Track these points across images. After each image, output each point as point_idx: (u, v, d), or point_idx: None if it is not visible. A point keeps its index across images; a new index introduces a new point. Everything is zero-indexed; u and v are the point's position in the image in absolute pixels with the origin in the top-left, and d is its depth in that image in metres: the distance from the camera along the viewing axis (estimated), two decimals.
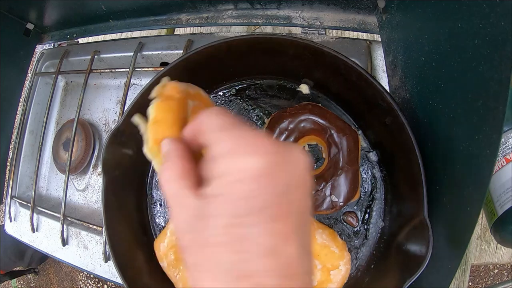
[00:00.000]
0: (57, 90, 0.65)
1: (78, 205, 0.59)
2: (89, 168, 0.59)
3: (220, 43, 0.35)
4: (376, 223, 0.37)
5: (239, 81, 0.42)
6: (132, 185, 0.42)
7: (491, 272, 1.18)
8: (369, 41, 0.44)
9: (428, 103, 0.29)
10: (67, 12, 0.58)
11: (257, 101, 0.41)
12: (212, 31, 0.61)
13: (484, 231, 0.50)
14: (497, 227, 0.33)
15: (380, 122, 0.34)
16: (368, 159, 0.37)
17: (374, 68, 0.43)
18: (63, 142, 0.59)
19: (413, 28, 0.32)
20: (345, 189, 0.34)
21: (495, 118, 0.20)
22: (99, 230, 0.51)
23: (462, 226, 0.25)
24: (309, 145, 0.39)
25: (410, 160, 0.30)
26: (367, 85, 0.32)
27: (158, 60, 0.53)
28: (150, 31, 0.60)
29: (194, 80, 0.40)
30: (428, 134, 0.30)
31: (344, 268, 0.35)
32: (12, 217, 0.61)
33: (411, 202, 0.31)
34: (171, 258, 0.38)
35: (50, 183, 0.64)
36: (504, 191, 0.32)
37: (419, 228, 0.29)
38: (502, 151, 0.33)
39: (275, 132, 0.36)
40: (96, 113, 0.61)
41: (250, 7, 0.48)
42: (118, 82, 0.60)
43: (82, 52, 0.60)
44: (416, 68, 0.32)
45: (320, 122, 0.35)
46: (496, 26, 0.19)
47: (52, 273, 1.65)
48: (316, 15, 0.46)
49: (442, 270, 0.27)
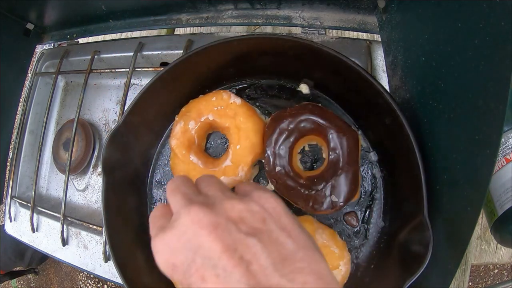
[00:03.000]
0: (57, 90, 0.65)
1: (78, 205, 0.59)
2: (89, 168, 0.59)
3: (220, 43, 0.36)
4: (376, 223, 0.37)
5: (239, 81, 0.42)
6: (132, 185, 0.42)
7: (491, 272, 1.18)
8: (369, 41, 0.44)
9: (428, 103, 0.29)
10: (67, 12, 0.58)
11: (257, 101, 0.41)
12: (212, 31, 0.61)
13: (484, 231, 0.50)
14: (497, 227, 0.33)
15: (380, 122, 0.34)
16: (368, 159, 0.37)
17: (374, 68, 0.43)
18: (63, 142, 0.59)
19: (413, 28, 0.32)
20: (345, 189, 0.34)
21: (495, 118, 0.20)
22: (99, 230, 0.51)
23: (462, 226, 0.25)
24: (309, 145, 0.39)
25: (410, 160, 0.30)
26: (367, 85, 0.32)
27: (158, 60, 0.53)
28: (150, 31, 0.60)
29: (194, 80, 0.41)
30: (428, 134, 0.30)
31: (344, 268, 0.35)
32: (12, 217, 0.61)
33: (411, 202, 0.31)
34: None
35: (50, 183, 0.64)
36: (504, 191, 0.32)
37: (419, 228, 0.29)
38: (502, 151, 0.34)
39: (275, 132, 0.36)
40: (96, 113, 0.61)
41: (250, 7, 0.48)
42: (118, 82, 0.60)
43: (82, 52, 0.60)
44: (416, 68, 0.32)
45: (320, 122, 0.35)
46: (496, 26, 0.19)
47: (52, 273, 1.65)
48: (316, 15, 0.46)
49: (442, 270, 0.27)
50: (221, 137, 0.42)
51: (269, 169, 0.36)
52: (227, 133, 0.39)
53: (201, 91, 0.42)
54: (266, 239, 0.19)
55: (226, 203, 0.20)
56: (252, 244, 0.18)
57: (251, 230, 0.19)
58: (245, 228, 0.19)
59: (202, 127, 0.40)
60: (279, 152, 0.36)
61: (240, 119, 0.38)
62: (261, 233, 0.19)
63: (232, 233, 0.18)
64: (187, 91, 0.41)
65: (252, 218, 0.20)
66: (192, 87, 0.41)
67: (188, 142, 0.39)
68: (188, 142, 0.39)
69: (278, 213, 0.21)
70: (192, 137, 0.39)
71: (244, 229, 0.19)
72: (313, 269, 0.18)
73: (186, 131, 0.39)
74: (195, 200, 0.21)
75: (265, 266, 0.17)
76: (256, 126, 0.38)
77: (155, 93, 0.38)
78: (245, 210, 0.20)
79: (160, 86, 0.38)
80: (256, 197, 0.21)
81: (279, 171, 0.36)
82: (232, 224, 0.19)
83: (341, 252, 0.35)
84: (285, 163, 0.36)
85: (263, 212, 0.20)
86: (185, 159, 0.39)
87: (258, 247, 0.18)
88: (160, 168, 0.43)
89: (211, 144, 0.42)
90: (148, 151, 0.43)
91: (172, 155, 0.40)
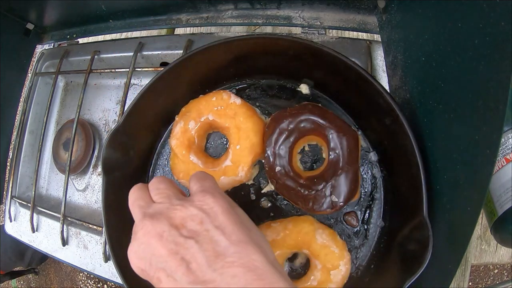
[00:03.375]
0: (57, 90, 0.65)
1: (78, 205, 0.59)
2: (89, 168, 0.59)
3: (220, 43, 0.36)
4: (376, 223, 0.37)
5: (239, 81, 0.42)
6: (132, 185, 0.41)
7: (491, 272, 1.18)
8: (369, 41, 0.44)
9: (428, 103, 0.29)
10: (67, 12, 0.58)
11: (257, 101, 0.41)
12: (212, 31, 0.61)
13: (484, 231, 0.50)
14: (497, 227, 0.33)
15: (380, 122, 0.34)
16: (368, 159, 0.37)
17: (374, 68, 0.43)
18: (63, 142, 0.59)
19: (413, 28, 0.32)
20: (345, 189, 0.34)
21: (495, 118, 0.20)
22: (99, 230, 0.51)
23: (462, 226, 0.25)
24: (309, 145, 0.39)
25: (410, 160, 0.30)
26: (367, 85, 0.32)
27: (158, 60, 0.53)
28: (150, 31, 0.60)
29: (194, 80, 0.41)
30: (428, 134, 0.30)
31: (344, 268, 0.35)
32: (12, 217, 0.61)
33: (411, 202, 0.31)
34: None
35: (50, 183, 0.64)
36: (504, 191, 0.32)
37: (419, 228, 0.29)
38: (502, 151, 0.34)
39: (275, 132, 0.36)
40: (96, 113, 0.61)
41: (250, 7, 0.48)
42: (118, 82, 0.60)
43: (82, 52, 0.60)
44: (416, 68, 0.32)
45: (320, 122, 0.35)
46: (496, 26, 0.19)
47: (52, 273, 1.65)
48: (316, 15, 0.46)
49: (442, 270, 0.27)
50: (221, 137, 0.42)
51: (269, 169, 0.36)
52: (227, 133, 0.39)
53: (201, 91, 0.42)
54: (202, 239, 0.21)
55: (170, 212, 0.23)
56: (190, 245, 0.21)
57: (190, 233, 0.22)
58: (185, 232, 0.22)
59: (202, 127, 0.40)
60: (279, 152, 0.36)
61: (240, 119, 0.38)
62: (198, 234, 0.22)
63: (175, 238, 0.22)
64: (187, 91, 0.41)
65: (191, 221, 0.23)
66: (192, 87, 0.41)
67: (188, 142, 0.39)
68: (188, 142, 0.39)
69: (215, 212, 0.23)
70: (192, 137, 0.39)
71: (185, 233, 0.22)
72: (243, 262, 0.20)
73: (186, 131, 0.39)
74: (147, 213, 0.24)
75: (201, 263, 0.20)
76: (256, 126, 0.38)
77: (155, 93, 0.38)
78: (185, 215, 0.23)
79: (160, 86, 0.38)
80: (197, 200, 0.24)
81: (279, 171, 0.36)
82: (174, 230, 0.22)
83: (341, 252, 0.35)
84: (285, 163, 0.36)
85: (201, 214, 0.23)
86: (185, 159, 0.39)
87: (196, 247, 0.21)
88: (160, 168, 0.43)
89: (211, 144, 0.42)
90: (148, 151, 0.43)
91: (172, 155, 0.40)
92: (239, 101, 0.38)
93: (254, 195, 0.40)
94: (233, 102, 0.38)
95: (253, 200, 0.40)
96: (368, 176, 0.37)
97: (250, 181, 0.40)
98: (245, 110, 0.38)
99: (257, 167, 0.40)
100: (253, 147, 0.37)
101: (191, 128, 0.39)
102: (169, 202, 0.25)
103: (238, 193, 0.40)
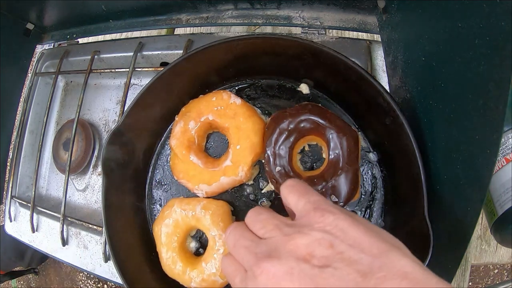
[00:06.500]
0: (57, 90, 0.65)
1: (78, 205, 0.59)
2: (89, 168, 0.59)
3: (220, 43, 0.36)
4: (376, 223, 0.37)
5: (239, 81, 0.42)
6: (132, 185, 0.42)
7: (491, 272, 1.18)
8: (369, 41, 0.44)
9: (428, 103, 0.29)
10: (67, 12, 0.58)
11: (257, 101, 0.41)
12: (212, 31, 0.61)
13: (484, 231, 0.50)
14: (497, 227, 0.33)
15: (380, 122, 0.34)
16: (368, 159, 0.37)
17: (374, 68, 0.43)
18: (63, 142, 0.59)
19: (413, 28, 0.32)
20: (345, 189, 0.34)
21: (495, 118, 0.20)
22: (99, 230, 0.51)
23: (462, 226, 0.25)
24: (309, 145, 0.39)
25: (410, 160, 0.30)
26: (367, 85, 0.32)
27: (158, 60, 0.53)
28: (150, 31, 0.60)
29: (194, 80, 0.41)
30: (428, 134, 0.30)
31: None
32: (12, 217, 0.61)
33: (411, 202, 0.31)
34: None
35: (50, 183, 0.64)
36: (504, 191, 0.32)
37: (419, 228, 0.29)
38: (502, 151, 0.33)
39: (275, 132, 0.36)
40: (96, 113, 0.61)
41: (250, 7, 0.48)
42: (118, 82, 0.60)
43: (82, 52, 0.60)
44: (416, 68, 0.32)
45: (320, 122, 0.35)
46: (496, 26, 0.19)
47: (52, 273, 1.65)
48: (316, 15, 0.46)
49: (442, 270, 0.27)
50: (221, 137, 0.42)
51: (269, 169, 0.36)
52: (227, 133, 0.39)
53: (201, 91, 0.42)
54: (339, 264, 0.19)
55: (289, 244, 0.20)
56: (329, 275, 0.18)
57: (322, 261, 0.19)
58: (316, 262, 0.19)
59: (202, 127, 0.40)
60: (279, 152, 0.36)
61: (240, 119, 0.38)
62: (333, 260, 0.19)
63: (309, 272, 0.19)
64: (187, 91, 0.41)
65: (319, 248, 0.20)
66: (192, 87, 0.41)
67: (188, 142, 0.39)
68: (188, 142, 0.39)
69: (342, 230, 0.20)
70: (192, 137, 0.39)
71: (316, 263, 0.19)
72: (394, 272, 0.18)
73: (186, 131, 0.39)
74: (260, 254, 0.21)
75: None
76: (256, 126, 0.38)
77: (155, 93, 0.38)
78: (310, 243, 0.20)
79: (160, 86, 0.38)
80: (314, 221, 0.21)
81: (279, 171, 0.36)
82: (303, 263, 0.19)
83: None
84: (285, 163, 0.36)
85: (327, 236, 0.20)
86: (185, 159, 0.39)
87: (337, 275, 0.18)
88: (160, 168, 0.43)
89: (211, 144, 0.42)
90: (148, 151, 0.43)
91: (172, 155, 0.40)
92: (239, 101, 0.38)
93: (254, 195, 0.40)
94: (233, 102, 0.38)
95: (253, 200, 0.40)
96: (368, 176, 0.37)
97: (250, 181, 0.40)
98: (245, 110, 0.38)
99: (257, 167, 0.40)
100: (253, 147, 0.37)
101: (191, 128, 0.39)
102: (281, 232, 0.21)
103: (238, 193, 0.40)
